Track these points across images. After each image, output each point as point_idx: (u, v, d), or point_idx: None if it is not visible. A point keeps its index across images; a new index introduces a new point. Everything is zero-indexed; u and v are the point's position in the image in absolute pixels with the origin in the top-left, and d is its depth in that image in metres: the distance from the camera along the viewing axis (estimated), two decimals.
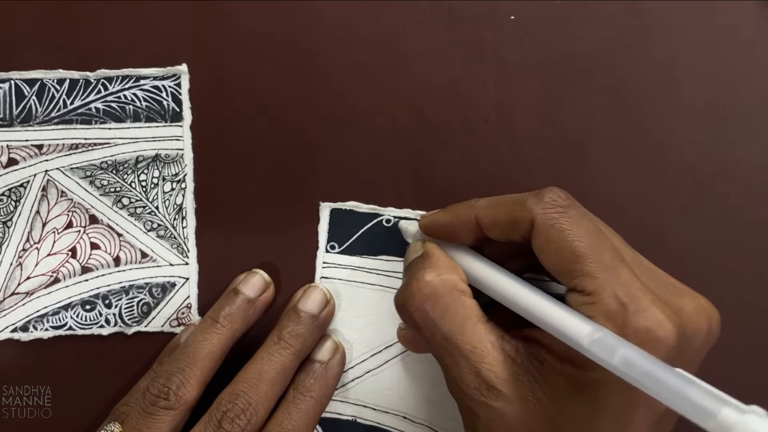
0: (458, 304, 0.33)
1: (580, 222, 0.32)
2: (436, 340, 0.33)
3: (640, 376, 0.27)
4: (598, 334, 0.29)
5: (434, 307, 0.33)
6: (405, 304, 0.34)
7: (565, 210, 0.32)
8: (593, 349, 0.29)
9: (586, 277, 0.31)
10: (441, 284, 0.34)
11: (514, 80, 0.41)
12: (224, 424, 0.36)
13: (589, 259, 0.31)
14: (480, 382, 0.32)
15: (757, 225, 0.41)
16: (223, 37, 0.42)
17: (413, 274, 0.35)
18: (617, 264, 0.31)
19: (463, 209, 0.36)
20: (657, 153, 0.41)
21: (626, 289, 0.30)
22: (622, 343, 0.28)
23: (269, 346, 0.39)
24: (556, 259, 0.32)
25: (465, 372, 0.32)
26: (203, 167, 0.42)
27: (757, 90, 0.41)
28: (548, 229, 0.32)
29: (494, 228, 0.34)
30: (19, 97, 0.42)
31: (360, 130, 0.42)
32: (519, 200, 0.33)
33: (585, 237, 0.31)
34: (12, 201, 0.42)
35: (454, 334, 0.33)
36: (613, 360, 0.28)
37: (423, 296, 0.34)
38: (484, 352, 0.32)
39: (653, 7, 0.41)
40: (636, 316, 0.29)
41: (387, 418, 0.41)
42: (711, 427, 0.25)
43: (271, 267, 0.42)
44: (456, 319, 0.33)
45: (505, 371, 0.32)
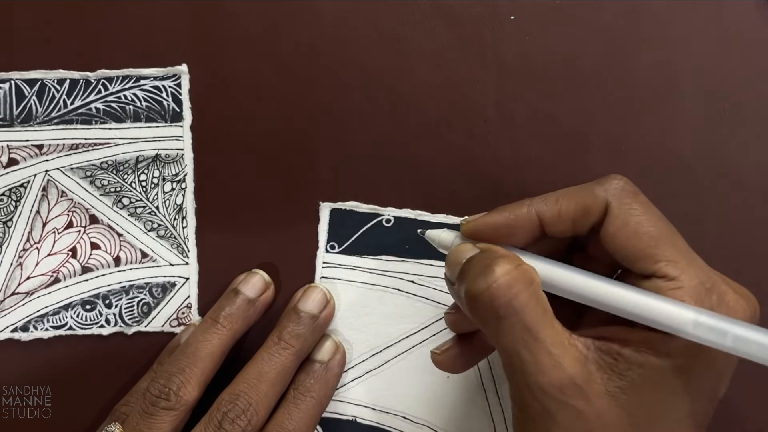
0: (539, 297, 0.31)
1: (650, 208, 0.32)
2: (515, 333, 0.31)
3: (757, 349, 0.28)
4: (703, 317, 0.29)
5: (517, 296, 0.31)
6: (487, 291, 0.31)
7: (636, 195, 0.32)
8: (700, 333, 0.28)
9: (668, 262, 0.30)
10: (522, 274, 0.31)
11: (514, 80, 0.41)
12: (225, 425, 0.36)
13: (667, 244, 0.31)
14: (563, 380, 0.30)
15: (757, 225, 0.41)
16: (223, 37, 0.42)
17: (488, 263, 0.32)
18: (690, 250, 0.31)
19: (520, 207, 0.34)
20: (657, 153, 0.41)
21: (706, 273, 0.30)
22: (730, 322, 0.28)
23: (269, 347, 0.39)
24: (635, 244, 0.31)
25: (547, 367, 0.30)
26: (203, 167, 0.42)
27: (757, 90, 0.41)
28: (624, 213, 0.31)
29: (559, 222, 0.33)
30: (20, 97, 0.42)
31: (360, 130, 0.42)
32: (585, 189, 0.33)
33: (659, 222, 0.31)
34: (12, 201, 0.42)
35: (537, 325, 0.31)
36: (725, 341, 0.28)
37: (506, 283, 0.31)
38: (564, 348, 0.31)
39: (653, 7, 0.41)
40: (720, 298, 0.30)
41: (387, 418, 0.41)
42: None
43: (271, 267, 0.42)
44: (538, 312, 0.31)
45: (582, 368, 0.30)
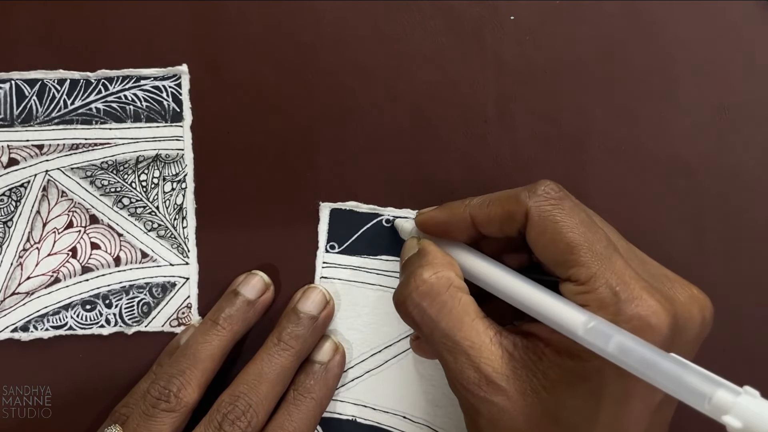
0: (455, 301, 0.34)
1: (572, 213, 0.32)
2: (435, 337, 0.34)
3: (635, 362, 0.28)
4: (592, 323, 0.29)
5: (431, 304, 0.34)
6: (403, 303, 0.34)
7: (558, 202, 0.33)
8: (588, 338, 0.29)
9: (579, 267, 0.31)
10: (437, 281, 0.34)
11: (514, 80, 0.41)
12: (225, 426, 0.36)
13: (582, 250, 0.31)
14: (480, 378, 0.32)
15: (757, 225, 0.41)
16: (223, 37, 0.42)
17: (410, 272, 0.35)
18: (610, 253, 0.31)
19: (458, 207, 0.36)
20: (657, 153, 0.41)
21: (619, 277, 0.30)
22: (616, 330, 0.29)
23: (269, 348, 0.39)
24: (551, 250, 0.32)
25: (465, 368, 0.32)
26: (203, 167, 0.42)
27: (757, 90, 0.41)
28: (542, 221, 0.32)
29: (489, 224, 0.35)
30: (20, 98, 0.42)
31: (360, 130, 0.42)
32: (512, 195, 0.34)
33: (578, 228, 0.32)
34: (12, 201, 0.42)
35: (452, 330, 0.33)
36: (608, 347, 0.28)
37: (420, 294, 0.34)
38: (483, 348, 0.32)
39: (653, 6, 0.41)
40: (629, 303, 0.30)
41: (387, 418, 0.41)
42: (707, 409, 0.26)
43: (271, 267, 0.42)
44: (453, 316, 0.33)
45: (504, 366, 0.32)
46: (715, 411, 0.26)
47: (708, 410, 0.26)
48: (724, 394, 0.26)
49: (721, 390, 0.26)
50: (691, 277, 0.34)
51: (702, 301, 0.32)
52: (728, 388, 0.26)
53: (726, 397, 0.25)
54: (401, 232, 0.41)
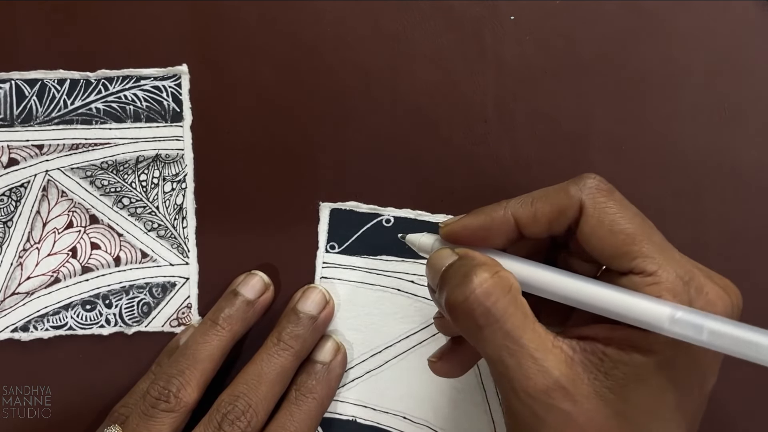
0: (518, 303, 0.32)
1: (625, 205, 0.32)
2: (497, 341, 0.31)
3: (732, 343, 0.28)
4: (679, 313, 0.29)
5: (496, 304, 0.31)
6: (465, 302, 0.32)
7: (610, 193, 0.32)
8: (676, 329, 0.29)
9: (645, 258, 0.30)
10: (500, 281, 0.32)
11: (514, 80, 0.41)
12: (224, 426, 0.36)
13: (644, 240, 0.31)
14: (549, 383, 0.30)
15: (757, 225, 0.41)
16: (223, 37, 0.42)
17: (466, 272, 0.32)
18: (667, 244, 0.31)
19: (496, 210, 0.34)
20: (657, 153, 0.41)
21: (683, 267, 0.30)
22: (705, 316, 0.28)
23: (269, 348, 0.39)
24: (611, 242, 0.31)
25: (532, 373, 0.30)
26: (203, 167, 0.42)
27: (757, 90, 0.41)
28: (598, 212, 0.31)
29: (534, 223, 0.33)
30: (20, 98, 0.42)
31: (360, 130, 0.42)
32: (561, 189, 0.33)
33: (635, 219, 0.31)
34: (12, 201, 0.42)
35: (517, 331, 0.31)
36: (702, 336, 0.28)
37: (484, 292, 0.31)
38: (548, 351, 0.31)
39: (653, 6, 0.41)
40: (698, 291, 0.30)
41: (387, 418, 0.41)
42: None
43: (271, 267, 0.42)
44: (518, 317, 0.31)
45: (568, 370, 0.31)
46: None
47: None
48: None
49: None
50: None
51: (734, 289, 0.32)
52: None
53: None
54: (419, 247, 0.37)
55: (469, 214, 0.35)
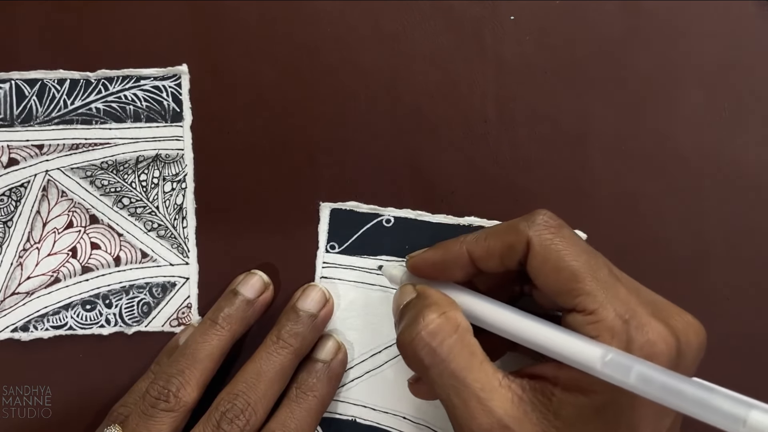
0: (465, 342, 0.33)
1: (573, 241, 0.32)
2: (443, 380, 0.32)
3: (659, 391, 0.27)
4: (610, 356, 0.29)
5: (441, 345, 0.32)
6: (411, 343, 0.33)
7: (557, 230, 0.32)
8: (608, 371, 0.29)
9: (586, 296, 0.30)
10: (447, 321, 0.33)
11: (514, 80, 0.41)
12: (223, 425, 0.36)
13: (587, 278, 0.31)
14: (492, 422, 0.31)
15: (757, 225, 0.41)
16: (223, 37, 0.42)
17: (416, 312, 0.34)
18: (614, 281, 0.31)
19: (453, 245, 0.35)
20: (657, 153, 0.41)
21: (626, 305, 0.30)
22: (635, 360, 0.28)
23: (268, 346, 0.39)
24: (555, 279, 0.32)
25: (476, 412, 0.31)
26: (203, 167, 0.42)
27: (757, 90, 0.41)
28: (544, 249, 0.32)
29: (488, 258, 0.34)
30: (20, 97, 0.42)
31: (360, 130, 0.42)
32: (511, 226, 0.33)
33: (581, 256, 0.31)
34: (12, 201, 0.42)
35: (462, 371, 0.32)
36: (629, 379, 0.28)
37: (429, 333, 0.33)
38: (493, 391, 0.31)
39: (653, 7, 0.41)
40: (639, 330, 0.29)
41: (386, 418, 0.41)
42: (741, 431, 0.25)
43: (271, 267, 0.42)
44: (464, 357, 0.32)
45: (515, 409, 0.31)
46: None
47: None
48: (758, 415, 0.25)
49: (755, 411, 0.25)
50: (692, 277, 0.34)
51: (696, 327, 0.32)
52: (762, 409, 0.25)
53: (761, 417, 0.25)
54: (390, 279, 0.40)
55: (430, 249, 0.37)
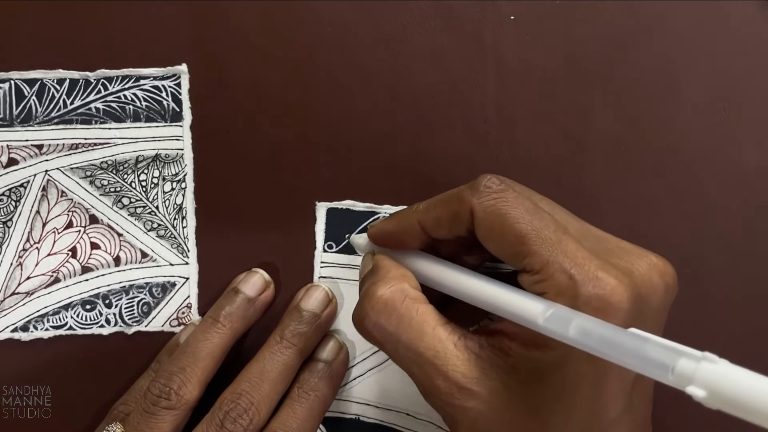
0: (413, 312, 0.33)
1: (517, 203, 0.32)
2: (400, 353, 0.33)
3: (597, 343, 0.27)
4: (551, 310, 0.29)
5: (389, 320, 0.33)
6: (362, 323, 0.34)
7: (500, 194, 0.32)
8: (548, 326, 0.29)
9: (532, 256, 0.30)
10: (392, 296, 0.33)
11: (514, 80, 0.42)
12: (227, 424, 0.36)
13: (531, 238, 0.30)
14: (450, 386, 0.32)
15: (757, 225, 0.41)
16: (223, 37, 0.42)
17: (365, 290, 0.34)
18: (560, 237, 0.31)
19: (406, 215, 0.36)
20: (657, 153, 0.41)
21: (572, 260, 0.30)
22: (574, 314, 0.28)
23: (271, 346, 0.39)
24: (502, 244, 0.32)
25: (433, 378, 0.32)
26: (203, 167, 0.42)
27: (757, 90, 0.41)
28: (488, 216, 0.32)
29: (437, 228, 0.34)
30: (19, 97, 0.42)
31: (360, 130, 0.42)
32: (455, 194, 0.33)
33: (524, 217, 0.31)
34: (12, 201, 0.42)
35: (413, 342, 0.32)
36: (568, 333, 0.28)
37: (376, 312, 0.33)
38: (448, 354, 0.32)
39: (653, 7, 0.41)
40: (585, 285, 0.29)
41: (390, 416, 0.41)
42: (671, 380, 0.25)
43: (271, 267, 0.42)
44: (413, 327, 0.32)
45: (473, 369, 0.32)
46: (680, 381, 0.24)
47: (672, 381, 0.25)
48: (686, 363, 0.24)
49: (683, 359, 0.25)
50: (691, 277, 0.34)
51: (662, 267, 0.32)
52: (691, 356, 0.25)
53: (688, 365, 0.24)
54: (357, 248, 0.40)
55: (386, 218, 0.38)
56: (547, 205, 0.34)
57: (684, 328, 0.34)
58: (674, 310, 0.36)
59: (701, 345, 0.34)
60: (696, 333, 0.40)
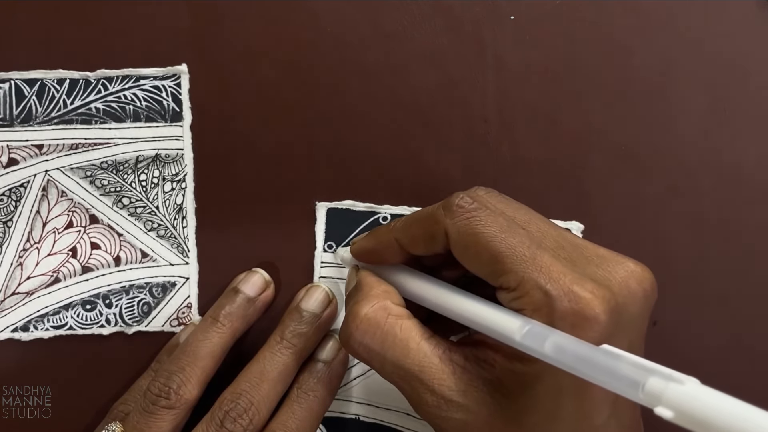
0: (396, 329, 0.33)
1: (490, 222, 0.32)
2: (386, 370, 0.33)
3: (571, 360, 0.27)
4: (527, 327, 0.29)
5: (373, 339, 0.33)
6: (347, 343, 0.34)
7: (473, 213, 0.32)
8: (525, 342, 0.29)
9: (507, 274, 0.30)
10: (374, 314, 0.34)
11: (514, 80, 0.42)
12: (226, 424, 0.36)
13: (506, 257, 0.31)
14: (437, 399, 0.32)
15: (757, 225, 0.41)
16: (223, 37, 0.42)
17: (349, 310, 0.35)
18: (534, 253, 0.31)
19: (383, 233, 0.36)
20: (657, 153, 0.41)
21: (547, 275, 0.30)
22: (550, 331, 0.28)
23: (272, 346, 0.39)
24: (477, 264, 0.32)
25: (421, 392, 0.32)
26: (203, 167, 0.42)
27: (757, 90, 0.41)
28: (461, 237, 0.32)
29: (414, 246, 0.35)
30: (20, 97, 0.42)
31: (359, 130, 0.42)
32: (430, 214, 0.33)
33: (498, 236, 0.31)
34: (12, 201, 0.42)
35: (398, 359, 0.33)
36: (544, 349, 0.28)
37: (361, 331, 0.34)
38: (433, 369, 0.32)
39: (653, 7, 0.41)
40: (560, 300, 0.29)
41: (390, 415, 0.41)
42: (642, 399, 0.25)
43: (271, 267, 0.42)
44: (397, 344, 0.33)
45: (459, 381, 0.32)
46: (649, 400, 0.24)
47: (644, 400, 0.25)
48: (656, 382, 0.24)
49: (653, 378, 0.25)
50: (691, 277, 0.33)
51: (639, 273, 0.32)
52: (661, 375, 0.25)
53: (658, 385, 0.24)
54: (342, 261, 0.41)
55: (365, 235, 0.38)
56: (524, 215, 0.34)
57: (684, 328, 0.34)
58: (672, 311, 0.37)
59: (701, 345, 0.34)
60: (696, 333, 0.40)
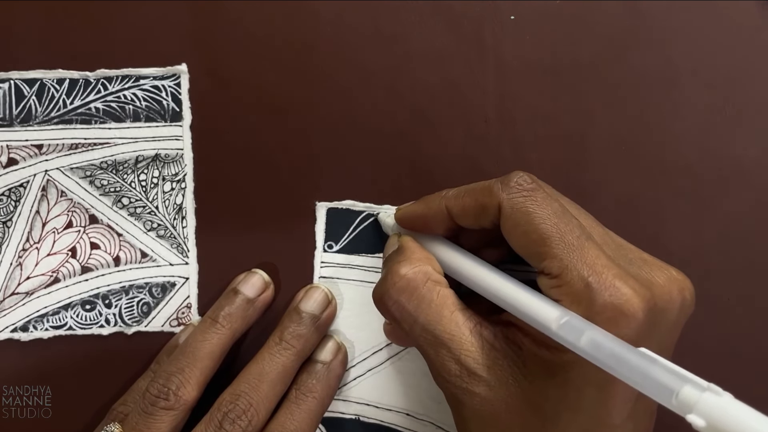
0: (433, 294, 0.34)
1: (545, 204, 0.32)
2: (415, 332, 0.34)
3: (606, 357, 0.27)
4: (565, 318, 0.29)
5: (410, 299, 0.34)
6: (382, 299, 0.35)
7: (530, 193, 0.32)
8: (561, 333, 0.29)
9: (552, 259, 0.31)
10: (414, 276, 0.34)
11: (514, 80, 0.42)
12: (225, 425, 0.36)
13: (554, 241, 0.31)
14: (461, 369, 0.32)
15: (757, 225, 0.41)
16: (223, 37, 0.42)
17: (389, 268, 0.35)
18: (582, 243, 0.31)
19: (435, 200, 0.36)
20: (657, 153, 0.41)
21: (591, 267, 0.30)
22: (588, 326, 0.28)
23: (271, 347, 0.39)
24: (524, 243, 0.32)
25: (446, 360, 0.33)
26: (203, 167, 0.42)
27: (757, 90, 0.41)
28: (515, 213, 0.32)
29: (464, 216, 0.35)
30: (19, 97, 0.42)
31: (360, 130, 0.42)
32: (486, 187, 0.34)
33: (550, 219, 0.31)
34: (12, 201, 0.42)
35: (431, 323, 0.33)
36: (580, 343, 0.28)
37: (398, 289, 0.34)
38: (463, 339, 0.33)
39: (653, 7, 0.41)
40: (601, 293, 0.29)
41: (390, 416, 0.41)
42: (674, 406, 0.25)
43: (271, 267, 0.42)
44: (432, 309, 0.33)
45: (485, 357, 0.32)
46: (682, 408, 0.25)
47: (675, 407, 0.25)
48: (690, 391, 0.25)
49: (688, 386, 0.25)
50: (692, 277, 0.34)
51: (681, 282, 0.32)
52: (695, 385, 0.25)
53: (692, 393, 0.25)
54: (384, 227, 0.41)
55: (415, 202, 0.38)
56: (574, 209, 0.34)
57: (684, 327, 0.33)
58: None
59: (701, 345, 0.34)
60: (696, 333, 0.40)
